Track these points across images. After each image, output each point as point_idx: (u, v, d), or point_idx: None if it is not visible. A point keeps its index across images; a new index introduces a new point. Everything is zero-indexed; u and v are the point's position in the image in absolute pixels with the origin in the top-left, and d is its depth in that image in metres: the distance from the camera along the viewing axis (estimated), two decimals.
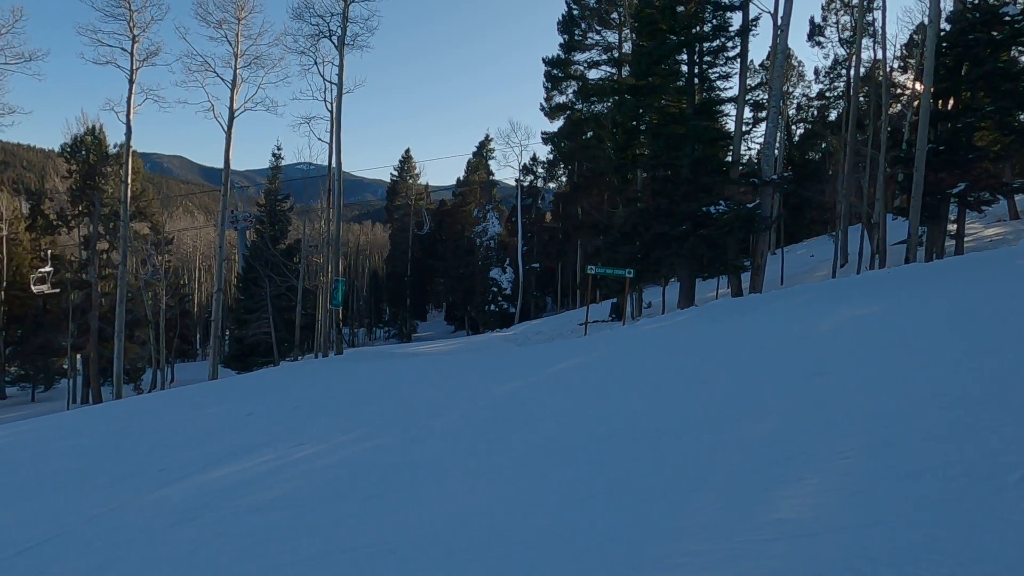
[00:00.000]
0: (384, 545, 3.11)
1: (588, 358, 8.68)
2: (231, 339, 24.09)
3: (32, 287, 30.26)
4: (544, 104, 33.74)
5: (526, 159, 53.63)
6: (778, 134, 20.29)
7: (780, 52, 19.12)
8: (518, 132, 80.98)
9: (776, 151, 19.60)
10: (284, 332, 23.28)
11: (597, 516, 2.96)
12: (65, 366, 37.51)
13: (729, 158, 20.57)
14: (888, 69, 26.13)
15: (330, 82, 23.56)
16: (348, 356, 20.64)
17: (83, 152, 35.31)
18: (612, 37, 28.67)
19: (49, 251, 32.41)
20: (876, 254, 22.42)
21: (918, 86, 30.47)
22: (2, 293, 40.05)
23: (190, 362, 51.19)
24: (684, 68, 20.17)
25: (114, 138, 38.44)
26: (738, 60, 19.85)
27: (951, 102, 20.63)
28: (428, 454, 4.79)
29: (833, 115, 35.96)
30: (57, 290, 31.28)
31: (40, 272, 30.54)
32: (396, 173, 64.56)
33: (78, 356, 36.64)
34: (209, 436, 7.18)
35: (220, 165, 26.38)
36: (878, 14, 28.94)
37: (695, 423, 4.16)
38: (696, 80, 20.16)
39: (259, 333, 22.62)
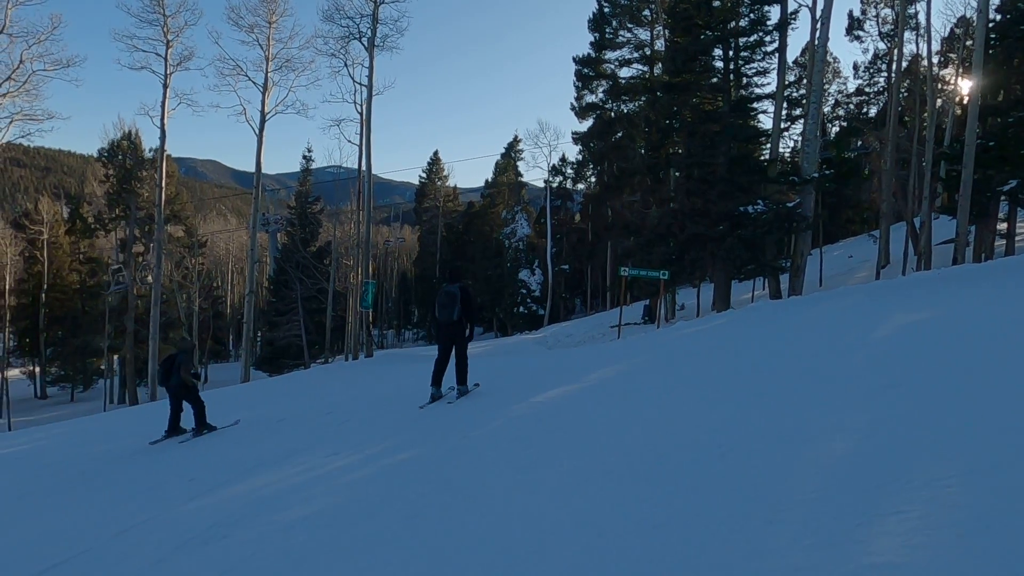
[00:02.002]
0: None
1: (630, 363, 8.34)
2: (262, 341, 24.18)
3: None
4: (574, 103, 33.35)
5: (555, 160, 53.21)
6: (818, 131, 19.63)
7: (820, 46, 18.52)
8: (547, 133, 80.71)
9: (818, 148, 18.96)
10: (315, 334, 23.26)
11: (661, 548, 2.66)
12: (103, 367, 38.32)
13: (765, 156, 20.03)
14: (933, 63, 25.23)
15: (360, 84, 23.57)
16: (379, 358, 20.54)
17: (119, 156, 36.00)
18: (644, 34, 28.17)
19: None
20: (920, 255, 21.61)
21: (963, 81, 29.48)
22: (43, 295, 41.03)
23: (223, 363, 51.89)
24: (719, 64, 19.68)
25: (149, 142, 39.21)
26: (776, 55, 19.27)
27: (1000, 96, 19.77)
28: (468, 468, 4.52)
29: (872, 111, 34.93)
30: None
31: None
32: (424, 175, 64.63)
33: (115, 357, 37.38)
34: (239, 443, 7.03)
35: (252, 169, 26.60)
36: (920, 6, 28.00)
37: (762, 440, 3.81)
38: (732, 76, 19.64)
39: (290, 335, 22.62)
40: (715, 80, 19.66)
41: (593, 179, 44.03)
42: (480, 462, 4.60)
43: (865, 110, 35.21)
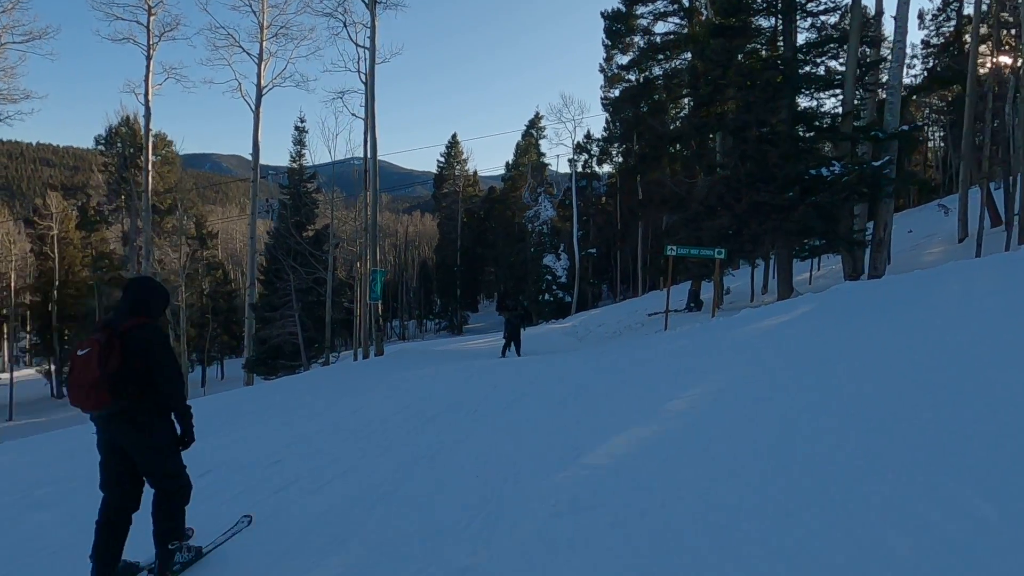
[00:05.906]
0: None
1: (725, 378, 5.53)
2: (255, 340, 21.76)
3: None
4: (603, 64, 30.36)
5: (579, 136, 49.90)
6: (902, 77, 16.44)
7: None
8: (571, 107, 76.97)
9: (900, 98, 15.82)
10: (312, 331, 20.73)
11: None
12: None
13: (834, 110, 16.94)
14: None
15: (362, 47, 20.86)
16: (389, 356, 18.01)
17: (118, 144, 34.05)
18: None
19: None
20: (1007, 224, 18.46)
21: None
22: (55, 292, 39.69)
23: (239, 358, 49.89)
24: (779, 2, 16.55)
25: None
26: None
27: None
28: None
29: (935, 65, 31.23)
30: None
31: None
32: (443, 160, 61.99)
33: None
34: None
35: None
36: None
37: None
38: (795, 14, 16.49)
39: (284, 332, 20.14)
40: (776, 20, 16.55)
41: (620, 158, 40.92)
42: None
43: (931, 63, 31.47)
